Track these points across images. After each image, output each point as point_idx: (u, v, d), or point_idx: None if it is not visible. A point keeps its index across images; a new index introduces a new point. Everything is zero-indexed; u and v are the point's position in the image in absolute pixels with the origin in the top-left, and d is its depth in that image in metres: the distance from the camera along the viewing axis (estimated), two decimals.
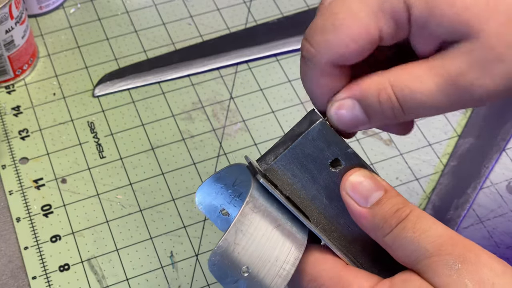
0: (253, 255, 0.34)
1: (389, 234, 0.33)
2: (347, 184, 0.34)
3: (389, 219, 0.33)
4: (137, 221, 0.57)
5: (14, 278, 0.54)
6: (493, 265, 0.31)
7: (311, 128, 0.35)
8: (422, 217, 0.33)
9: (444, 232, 0.33)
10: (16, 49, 0.62)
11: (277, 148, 0.36)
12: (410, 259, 0.33)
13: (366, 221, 0.34)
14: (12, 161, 0.60)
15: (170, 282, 0.54)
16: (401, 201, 0.34)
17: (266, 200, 0.35)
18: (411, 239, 0.33)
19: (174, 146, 0.61)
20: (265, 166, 0.36)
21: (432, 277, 0.32)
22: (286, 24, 0.70)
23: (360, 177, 0.34)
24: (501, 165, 0.61)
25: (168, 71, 0.66)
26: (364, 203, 0.34)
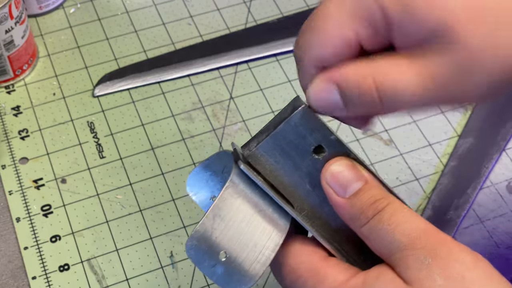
0: (231, 240, 0.34)
1: (366, 225, 0.33)
2: (327, 173, 0.34)
3: (365, 210, 0.33)
4: (137, 221, 0.57)
5: (14, 278, 0.54)
6: (465, 258, 0.31)
7: (293, 114, 0.34)
8: (399, 210, 0.33)
9: (419, 225, 0.32)
10: (16, 49, 0.62)
11: (261, 134, 0.36)
12: (385, 251, 0.33)
13: (344, 211, 0.34)
14: (12, 161, 0.60)
15: (170, 282, 0.54)
16: (380, 192, 0.34)
17: (248, 186, 0.35)
18: (386, 231, 0.33)
19: (174, 146, 0.61)
20: (247, 153, 0.35)
21: (404, 271, 0.32)
22: (286, 24, 0.70)
23: (340, 166, 0.34)
24: (501, 165, 0.61)
25: (168, 71, 0.66)
26: (342, 193, 0.34)
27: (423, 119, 0.64)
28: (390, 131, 0.63)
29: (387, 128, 0.63)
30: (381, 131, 0.63)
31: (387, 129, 0.63)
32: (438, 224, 0.57)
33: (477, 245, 0.56)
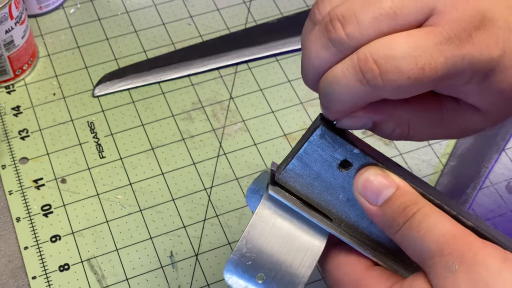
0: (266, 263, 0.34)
1: (398, 232, 0.34)
2: (358, 183, 0.35)
3: (397, 217, 0.34)
4: (137, 221, 0.57)
5: (14, 278, 0.54)
6: (490, 263, 0.31)
7: (313, 134, 0.35)
8: (428, 214, 0.33)
9: (448, 230, 0.32)
10: (16, 49, 0.62)
11: (289, 155, 0.36)
12: (418, 258, 0.33)
13: (377, 219, 0.34)
14: (12, 161, 0.60)
15: (170, 282, 0.54)
16: (410, 198, 0.34)
17: (280, 207, 0.35)
18: (416, 238, 0.33)
19: (174, 146, 0.61)
20: (277, 176, 0.36)
21: (433, 278, 0.32)
22: (285, 24, 0.70)
23: (370, 175, 0.34)
24: (501, 165, 0.61)
25: (168, 71, 0.66)
26: (375, 201, 0.34)
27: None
28: None
29: None
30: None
31: None
32: None
33: None
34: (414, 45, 0.31)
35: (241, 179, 0.60)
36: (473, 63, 0.32)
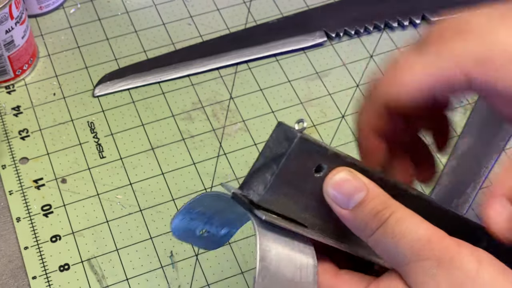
0: (284, 286, 0.34)
1: (371, 236, 0.34)
2: (328, 188, 0.34)
3: (369, 222, 0.33)
4: (137, 221, 0.57)
5: (14, 278, 0.54)
6: (467, 266, 0.31)
7: (292, 146, 0.34)
8: (402, 219, 0.33)
9: (423, 234, 0.32)
10: (16, 49, 0.62)
11: (261, 172, 0.35)
12: (393, 262, 0.33)
13: (349, 223, 0.34)
14: (12, 161, 0.60)
15: (170, 282, 0.54)
16: (382, 202, 0.34)
17: (272, 231, 0.34)
18: (390, 244, 0.33)
19: (174, 146, 0.61)
20: (257, 198, 0.34)
21: (412, 283, 0.32)
22: (285, 24, 0.70)
23: (340, 178, 0.34)
24: (501, 165, 0.61)
25: (168, 71, 0.66)
26: (346, 205, 0.34)
27: None
28: None
29: None
30: None
31: None
32: None
33: None
34: None
35: (241, 179, 0.60)
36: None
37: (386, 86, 0.38)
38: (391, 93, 0.38)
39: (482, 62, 0.35)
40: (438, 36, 0.37)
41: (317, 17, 0.70)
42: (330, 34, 0.69)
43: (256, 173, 0.34)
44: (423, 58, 0.37)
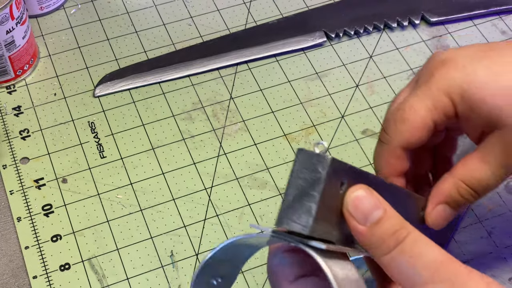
0: None
1: (387, 255, 0.34)
2: (348, 203, 0.35)
3: (387, 240, 0.34)
4: (137, 220, 0.57)
5: (15, 277, 0.55)
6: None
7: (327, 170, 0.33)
8: (418, 240, 0.34)
9: (437, 257, 0.33)
10: (17, 49, 0.63)
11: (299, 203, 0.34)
12: (406, 282, 0.34)
13: (364, 239, 0.35)
14: (13, 161, 0.60)
15: (170, 282, 0.55)
16: (399, 222, 0.34)
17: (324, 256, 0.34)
18: (408, 263, 0.33)
19: (174, 146, 0.62)
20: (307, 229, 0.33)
21: None
22: (285, 25, 0.70)
23: (360, 195, 0.35)
24: None
25: (168, 71, 0.66)
26: (363, 222, 0.34)
27: None
28: None
29: None
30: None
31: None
32: None
33: (475, 245, 0.56)
34: None
35: (241, 179, 0.60)
36: None
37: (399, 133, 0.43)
38: (405, 136, 0.43)
39: (464, 91, 0.41)
40: (426, 70, 0.44)
41: (317, 18, 0.70)
42: (329, 34, 0.69)
43: (293, 205, 0.34)
44: (418, 94, 0.43)
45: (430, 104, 0.42)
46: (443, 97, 0.42)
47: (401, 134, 0.43)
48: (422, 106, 0.43)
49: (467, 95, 0.41)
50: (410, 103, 0.43)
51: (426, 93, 0.43)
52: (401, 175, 0.45)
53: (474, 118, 0.42)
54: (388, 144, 0.44)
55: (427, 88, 0.43)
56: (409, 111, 0.43)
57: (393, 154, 0.44)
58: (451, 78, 0.42)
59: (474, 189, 0.43)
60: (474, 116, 0.42)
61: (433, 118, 0.42)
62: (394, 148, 0.44)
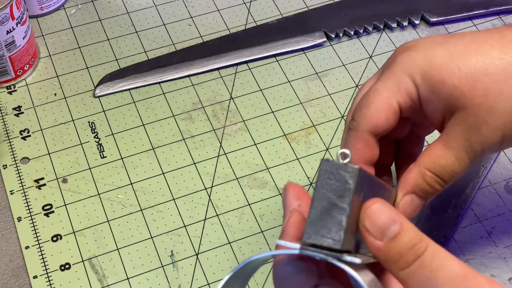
0: None
1: (406, 269, 0.33)
2: (364, 217, 0.34)
3: (405, 255, 0.33)
4: (137, 220, 0.57)
5: (15, 277, 0.55)
6: None
7: (355, 181, 0.33)
8: (437, 253, 0.33)
9: (458, 270, 0.33)
10: (17, 49, 0.63)
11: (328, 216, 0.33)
12: None
13: (382, 254, 0.34)
14: (13, 161, 0.60)
15: (170, 281, 0.55)
16: (416, 235, 0.34)
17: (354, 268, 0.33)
18: (428, 278, 0.33)
19: (174, 146, 0.62)
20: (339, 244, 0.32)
21: None
22: (285, 25, 0.70)
23: (377, 209, 0.34)
24: (500, 165, 0.61)
25: (168, 71, 0.66)
26: (380, 237, 0.33)
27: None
28: None
29: None
30: None
31: None
32: (437, 224, 0.58)
33: (475, 245, 0.56)
34: None
35: (241, 179, 0.60)
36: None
37: (365, 116, 0.43)
38: (371, 120, 0.43)
39: (424, 73, 0.42)
40: (390, 59, 0.44)
41: (317, 18, 0.71)
42: (329, 34, 0.69)
43: (322, 218, 0.33)
44: (382, 79, 0.44)
45: (393, 86, 0.43)
46: (406, 79, 0.43)
47: (367, 118, 0.43)
48: (386, 89, 0.43)
49: (428, 76, 0.42)
50: (374, 87, 0.44)
51: (390, 77, 0.43)
52: (370, 164, 0.45)
53: (435, 100, 0.42)
54: (356, 130, 0.44)
55: (391, 72, 0.43)
56: (373, 95, 0.43)
57: (361, 140, 0.44)
58: (412, 60, 0.42)
59: (440, 176, 0.43)
60: (434, 98, 0.42)
61: (397, 99, 0.43)
62: (362, 133, 0.44)
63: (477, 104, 0.41)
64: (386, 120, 0.43)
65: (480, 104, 0.41)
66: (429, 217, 0.58)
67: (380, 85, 0.43)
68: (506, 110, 0.41)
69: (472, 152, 0.42)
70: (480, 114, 0.41)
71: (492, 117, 0.41)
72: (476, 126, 0.41)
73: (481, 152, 0.42)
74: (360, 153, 0.44)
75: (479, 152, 0.42)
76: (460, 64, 0.41)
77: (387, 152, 0.48)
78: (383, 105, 0.43)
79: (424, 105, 0.43)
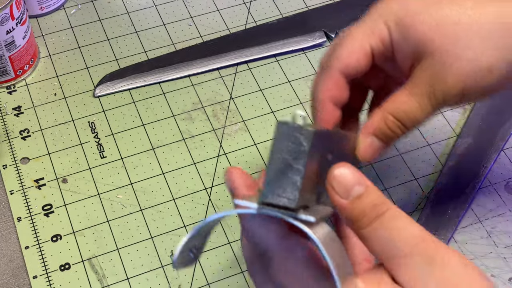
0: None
1: (367, 228, 0.35)
2: (332, 177, 0.35)
3: (368, 214, 0.35)
4: (137, 220, 0.57)
5: (15, 277, 0.55)
6: (456, 267, 0.33)
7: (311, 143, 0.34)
8: (399, 215, 0.35)
9: (417, 232, 0.34)
10: (17, 49, 0.63)
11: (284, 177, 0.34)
12: (383, 255, 0.34)
13: (345, 212, 0.35)
14: (13, 161, 0.60)
15: (170, 281, 0.55)
16: (379, 197, 0.35)
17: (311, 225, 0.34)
18: (387, 236, 0.34)
19: (174, 146, 0.62)
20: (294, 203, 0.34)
21: (402, 276, 0.34)
22: (285, 25, 0.70)
23: (344, 170, 0.35)
24: (500, 165, 0.61)
25: (168, 71, 0.66)
26: (345, 196, 0.35)
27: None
28: None
29: None
30: None
31: None
32: (437, 224, 0.58)
33: (475, 245, 0.56)
34: None
35: None
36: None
37: (337, 57, 0.45)
38: (343, 59, 0.45)
39: (398, 19, 0.43)
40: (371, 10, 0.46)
41: (317, 18, 0.71)
42: (329, 34, 0.69)
43: (278, 179, 0.34)
44: (358, 25, 0.45)
45: (367, 30, 0.45)
46: (381, 25, 0.44)
47: (339, 58, 0.45)
48: (360, 32, 0.45)
49: (401, 22, 0.43)
50: (349, 31, 0.46)
51: (366, 21, 0.45)
52: (338, 104, 0.46)
53: (405, 46, 0.44)
54: (327, 69, 0.45)
55: (367, 17, 0.45)
56: (347, 37, 0.45)
57: (331, 79, 0.45)
58: (389, 8, 0.44)
59: (401, 121, 0.44)
60: (405, 44, 0.44)
61: (370, 43, 0.44)
62: (333, 72, 0.45)
63: (444, 51, 0.42)
64: (357, 61, 0.45)
65: (447, 51, 0.42)
66: (429, 217, 0.58)
67: (355, 29, 0.45)
68: (472, 58, 0.42)
69: (435, 99, 0.43)
70: (447, 61, 0.42)
71: (457, 65, 0.42)
72: (441, 73, 0.42)
73: (442, 101, 0.43)
74: (329, 91, 0.46)
75: (440, 100, 0.43)
76: (433, 12, 0.43)
77: (360, 99, 0.50)
78: (355, 47, 0.45)
79: (396, 51, 0.44)
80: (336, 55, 0.45)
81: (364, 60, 0.45)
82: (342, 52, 0.45)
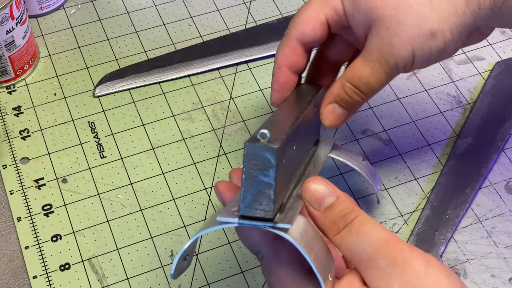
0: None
1: (338, 235, 0.38)
2: (306, 191, 0.39)
3: (337, 222, 0.38)
4: (137, 220, 0.57)
5: (15, 277, 0.55)
6: (417, 268, 0.35)
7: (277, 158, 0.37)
8: (366, 221, 0.37)
9: (383, 236, 0.37)
10: (17, 49, 0.63)
11: (257, 192, 0.37)
12: (354, 259, 0.37)
13: (319, 222, 0.38)
14: (13, 161, 0.60)
15: (170, 282, 0.55)
16: (349, 206, 0.38)
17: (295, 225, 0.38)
18: (355, 241, 0.37)
19: (174, 146, 0.62)
20: (271, 214, 0.38)
21: (369, 279, 0.36)
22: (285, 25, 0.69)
23: (315, 185, 0.38)
24: (500, 165, 0.61)
25: (168, 71, 0.66)
26: (318, 207, 0.38)
27: (422, 119, 0.64)
28: (389, 131, 0.63)
29: (386, 129, 0.63)
30: (381, 131, 0.63)
31: (386, 129, 0.63)
32: (437, 224, 0.58)
33: (475, 245, 0.56)
34: None
35: None
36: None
37: (294, 25, 0.49)
38: (299, 27, 0.49)
39: None
40: None
41: None
42: None
43: (253, 194, 0.37)
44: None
45: (322, 1, 0.48)
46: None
47: (296, 26, 0.49)
48: (316, 2, 0.48)
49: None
50: (308, 2, 0.49)
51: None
52: (295, 72, 0.50)
53: (357, 15, 0.46)
54: (286, 36, 0.50)
55: None
56: (305, 7, 0.49)
57: (289, 45, 0.49)
58: None
59: (357, 87, 0.47)
60: (356, 14, 0.46)
61: (325, 12, 0.48)
62: (291, 39, 0.49)
63: (388, 17, 0.45)
64: (312, 29, 0.48)
65: (391, 16, 0.44)
66: (429, 217, 0.58)
67: (313, 1, 0.49)
68: (414, 24, 0.44)
69: (386, 64, 0.45)
70: (391, 26, 0.44)
71: (401, 29, 0.44)
72: (387, 38, 0.45)
73: (395, 66, 0.46)
74: (286, 57, 0.50)
75: (392, 65, 0.45)
76: None
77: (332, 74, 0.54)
78: (311, 16, 0.48)
79: (349, 20, 0.47)
80: (294, 22, 0.49)
81: (320, 29, 0.48)
82: (298, 21, 0.49)
